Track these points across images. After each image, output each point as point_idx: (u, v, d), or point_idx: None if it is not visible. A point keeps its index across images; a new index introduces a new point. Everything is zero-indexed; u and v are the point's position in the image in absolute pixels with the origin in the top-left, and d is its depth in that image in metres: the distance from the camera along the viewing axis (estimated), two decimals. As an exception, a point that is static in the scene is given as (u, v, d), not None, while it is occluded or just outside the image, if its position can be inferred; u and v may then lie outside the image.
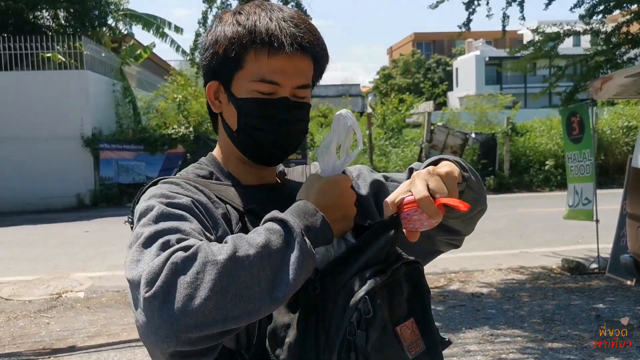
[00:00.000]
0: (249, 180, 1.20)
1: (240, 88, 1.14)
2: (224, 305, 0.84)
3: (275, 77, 1.11)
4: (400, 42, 59.37)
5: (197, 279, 0.84)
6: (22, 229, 11.91)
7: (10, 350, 5.00)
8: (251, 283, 0.86)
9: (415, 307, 1.02)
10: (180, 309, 0.82)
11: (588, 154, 7.24)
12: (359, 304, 0.91)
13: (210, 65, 1.17)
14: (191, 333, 0.83)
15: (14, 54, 15.54)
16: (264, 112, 1.13)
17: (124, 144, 15.79)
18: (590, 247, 7.70)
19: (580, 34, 7.59)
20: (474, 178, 1.19)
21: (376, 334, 0.92)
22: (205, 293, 0.83)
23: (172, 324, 0.82)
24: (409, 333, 0.98)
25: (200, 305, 0.83)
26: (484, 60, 43.43)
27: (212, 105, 1.21)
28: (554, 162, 16.89)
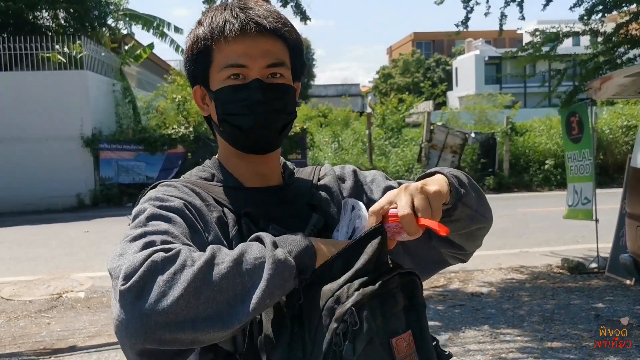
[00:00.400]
0: (251, 182, 1.20)
1: (215, 81, 1.16)
2: (195, 306, 0.85)
3: (240, 60, 1.12)
4: (399, 41, 59.37)
5: (173, 278, 0.86)
6: (22, 229, 11.92)
7: (11, 350, 5.01)
8: (226, 288, 0.87)
9: (412, 319, 1.01)
10: (151, 305, 0.84)
11: (587, 153, 7.26)
12: (345, 315, 0.91)
13: (189, 71, 1.20)
14: (160, 331, 0.84)
15: (14, 54, 15.55)
16: (237, 97, 1.14)
17: (124, 144, 15.79)
18: (589, 247, 7.71)
19: (579, 34, 7.60)
20: (474, 193, 1.20)
21: (362, 345, 0.91)
22: (179, 292, 0.84)
23: (142, 319, 0.83)
24: (404, 346, 0.97)
25: (172, 304, 0.84)
26: (483, 60, 43.43)
27: (201, 109, 1.23)
28: (553, 162, 16.90)
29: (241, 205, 1.13)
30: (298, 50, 1.20)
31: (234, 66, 1.12)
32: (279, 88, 1.15)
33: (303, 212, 1.16)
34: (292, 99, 1.19)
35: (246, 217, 1.10)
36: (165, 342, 0.85)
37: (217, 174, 1.21)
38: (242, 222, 1.10)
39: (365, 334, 0.91)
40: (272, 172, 1.23)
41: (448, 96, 41.37)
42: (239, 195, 1.16)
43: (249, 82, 1.13)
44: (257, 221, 1.09)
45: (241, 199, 1.14)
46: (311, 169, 1.32)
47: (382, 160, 17.02)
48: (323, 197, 1.24)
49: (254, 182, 1.20)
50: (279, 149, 1.25)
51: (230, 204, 1.13)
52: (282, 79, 1.16)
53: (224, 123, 1.16)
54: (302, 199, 1.21)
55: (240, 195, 1.16)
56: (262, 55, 1.12)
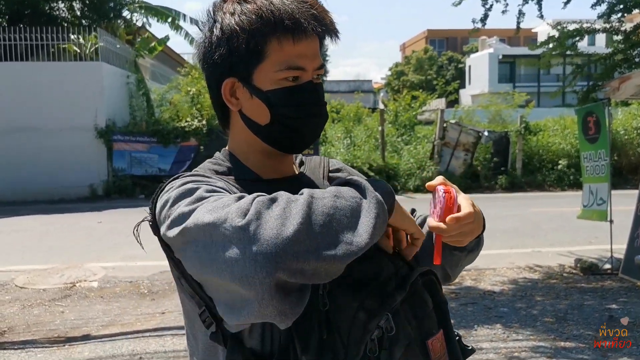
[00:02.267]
0: (269, 174, 1.17)
1: (265, 79, 1.09)
2: (314, 234, 0.84)
3: (301, 62, 1.08)
4: (413, 38, 59.16)
5: (284, 211, 0.85)
6: (36, 219, 12.01)
7: (25, 338, 5.06)
8: (338, 217, 0.87)
9: (439, 318, 1.01)
10: (275, 235, 0.82)
11: (603, 154, 7.20)
12: (381, 321, 0.91)
13: (225, 62, 1.10)
14: (288, 259, 0.82)
15: (30, 44, 15.64)
16: (295, 100, 1.10)
17: (137, 136, 15.86)
18: (603, 248, 7.66)
19: (599, 32, 7.53)
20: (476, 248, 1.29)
21: (401, 351, 0.90)
22: (296, 221, 0.84)
23: (269, 247, 0.82)
24: (439, 346, 0.97)
25: (294, 233, 0.83)
26: (497, 58, 43.22)
27: (229, 103, 1.14)
28: (567, 162, 16.79)
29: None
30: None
31: (295, 68, 1.08)
32: (322, 87, 1.16)
33: None
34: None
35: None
36: (293, 272, 0.83)
37: (233, 168, 1.17)
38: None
39: (402, 339, 0.91)
40: (288, 166, 1.22)
41: (460, 94, 41.20)
42: (259, 187, 1.09)
43: (303, 84, 1.10)
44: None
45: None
46: (319, 159, 1.31)
47: (394, 157, 16.97)
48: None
49: (271, 174, 1.17)
50: None
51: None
52: (319, 79, 1.15)
53: (277, 124, 1.11)
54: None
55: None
56: (314, 57, 1.10)
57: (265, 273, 0.82)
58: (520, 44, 44.08)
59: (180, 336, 4.96)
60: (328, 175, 1.26)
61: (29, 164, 15.05)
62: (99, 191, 15.48)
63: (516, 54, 43.11)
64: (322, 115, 1.15)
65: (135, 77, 17.06)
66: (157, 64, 21.85)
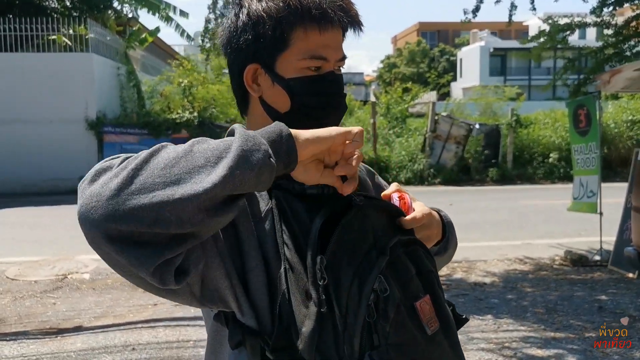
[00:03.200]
0: None
1: (287, 67, 1.10)
2: (145, 178, 0.83)
3: (324, 52, 1.10)
4: (404, 31, 59.16)
5: (124, 167, 0.85)
6: (26, 211, 11.95)
7: (17, 330, 5.05)
8: (192, 158, 0.86)
9: (426, 285, 1.02)
10: (99, 188, 0.83)
11: (594, 146, 7.26)
12: (375, 285, 0.92)
13: (250, 48, 1.11)
14: (109, 209, 0.82)
15: (19, 35, 15.50)
16: (317, 89, 1.11)
17: (128, 128, 15.79)
18: (592, 240, 7.74)
19: (590, 26, 7.57)
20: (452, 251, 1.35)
21: (392, 311, 0.92)
22: (132, 166, 0.84)
23: (86, 201, 0.83)
24: (427, 309, 0.98)
25: (121, 181, 0.83)
26: (488, 51, 43.34)
27: (250, 89, 1.14)
28: (557, 155, 16.90)
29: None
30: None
31: (318, 58, 1.09)
32: (342, 80, 1.17)
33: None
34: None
35: (278, 189, 1.06)
36: (122, 219, 0.82)
37: None
38: (273, 194, 1.06)
39: (392, 299, 0.92)
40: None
41: (452, 87, 41.32)
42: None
43: (325, 74, 1.11)
44: (291, 187, 1.05)
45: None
46: None
47: (385, 150, 17.00)
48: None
49: None
50: None
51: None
52: (340, 70, 1.16)
53: (297, 113, 1.12)
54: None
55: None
56: (337, 48, 1.12)
57: (89, 227, 0.83)
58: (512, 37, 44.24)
59: (172, 327, 4.97)
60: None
61: (19, 156, 14.95)
62: (89, 183, 15.39)
63: (507, 47, 43.23)
64: (342, 106, 1.16)
65: (125, 69, 16.96)
66: (148, 55, 21.71)
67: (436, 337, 0.98)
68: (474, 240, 8.37)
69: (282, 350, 0.97)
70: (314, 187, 1.04)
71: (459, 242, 1.41)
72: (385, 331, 0.91)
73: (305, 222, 1.00)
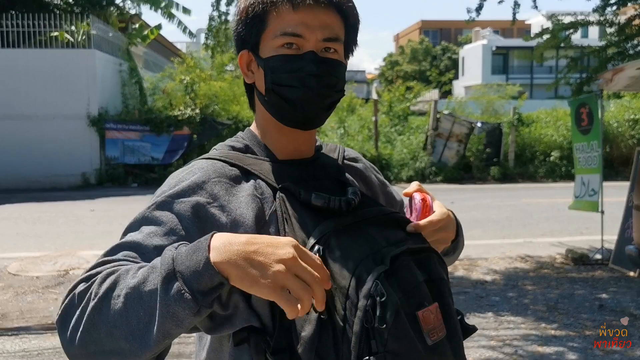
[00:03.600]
0: (285, 154, 1.17)
1: (266, 48, 1.11)
2: (99, 339, 0.88)
3: (297, 29, 1.08)
4: (407, 29, 59.10)
5: (81, 313, 0.89)
6: (28, 206, 11.97)
7: (19, 325, 5.06)
8: (120, 324, 0.87)
9: (435, 293, 1.01)
10: (68, 338, 0.90)
11: (596, 145, 7.25)
12: (371, 289, 0.91)
13: (239, 35, 1.15)
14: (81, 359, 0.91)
15: (22, 31, 15.52)
16: (290, 67, 1.09)
17: (130, 125, 15.80)
18: (593, 238, 7.74)
19: (593, 24, 7.56)
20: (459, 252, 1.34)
21: (392, 317, 0.91)
22: (83, 327, 0.89)
23: (66, 348, 0.92)
24: (432, 318, 0.97)
25: (81, 337, 0.89)
26: (490, 50, 43.25)
27: (246, 76, 1.18)
28: (559, 154, 16.88)
29: (277, 177, 1.11)
30: (355, 28, 1.18)
31: (290, 35, 1.08)
32: (333, 63, 1.12)
33: (335, 187, 1.16)
34: (343, 76, 1.16)
35: (284, 192, 1.07)
36: None
37: (250, 146, 1.18)
38: (278, 196, 1.07)
39: (391, 305, 0.91)
40: (308, 147, 1.21)
41: (454, 85, 41.28)
42: (272, 167, 1.13)
43: (303, 53, 1.09)
44: (297, 194, 1.07)
45: (276, 171, 1.12)
46: (334, 146, 1.31)
47: (387, 148, 17.00)
48: (350, 179, 1.24)
49: (288, 155, 1.17)
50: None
51: (266, 176, 1.10)
52: (335, 54, 1.13)
53: (272, 93, 1.12)
54: (331, 174, 1.19)
55: (274, 168, 1.13)
56: (320, 28, 1.09)
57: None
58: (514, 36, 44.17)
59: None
60: (344, 162, 1.27)
61: (21, 152, 14.98)
62: (91, 179, 15.44)
63: (510, 45, 43.15)
64: (325, 91, 1.12)
65: (127, 65, 16.97)
66: (150, 52, 21.73)
67: (439, 347, 0.97)
68: (475, 238, 8.37)
69: (282, 352, 0.96)
70: (320, 199, 1.05)
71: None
72: (383, 338, 0.91)
73: (308, 230, 1.01)
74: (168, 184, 1.08)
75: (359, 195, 1.11)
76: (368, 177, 1.31)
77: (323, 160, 1.22)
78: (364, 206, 1.10)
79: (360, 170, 1.30)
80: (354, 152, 1.35)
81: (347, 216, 1.05)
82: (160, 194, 1.05)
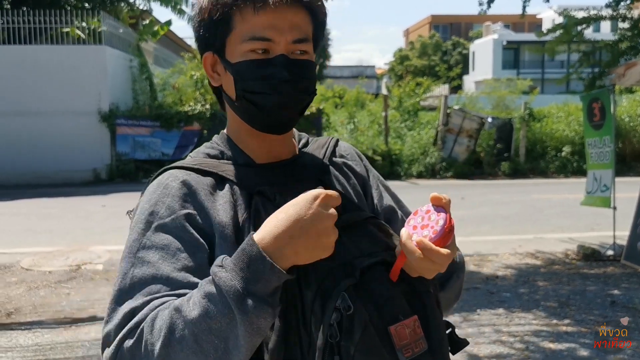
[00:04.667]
0: (263, 158, 1.13)
1: (234, 52, 1.06)
2: None
3: (266, 33, 1.02)
4: (417, 24, 58.86)
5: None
6: (39, 202, 12.05)
7: (31, 319, 5.11)
8: (202, 351, 0.86)
9: (417, 306, 0.97)
10: None
11: (608, 140, 7.20)
12: (337, 302, 0.89)
13: (201, 35, 1.10)
14: None
15: (33, 27, 15.60)
16: (261, 73, 1.04)
17: (140, 120, 15.86)
18: (605, 235, 7.69)
19: (607, 19, 7.49)
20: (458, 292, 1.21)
21: (359, 333, 0.88)
22: None
23: None
24: (407, 332, 0.93)
25: None
26: (501, 44, 43.01)
27: (211, 79, 1.13)
28: (570, 149, 16.76)
29: (253, 183, 1.07)
30: (323, 24, 1.12)
31: (260, 39, 1.03)
32: (304, 65, 1.07)
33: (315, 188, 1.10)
34: (314, 76, 1.11)
35: (259, 196, 1.04)
36: None
37: (225, 151, 1.14)
38: (253, 202, 1.04)
39: (358, 320, 0.88)
40: (285, 149, 1.16)
41: (464, 80, 41.09)
42: (249, 172, 1.09)
43: (274, 57, 1.04)
44: (271, 200, 1.03)
45: (252, 177, 1.08)
46: (325, 140, 1.25)
47: (397, 143, 16.96)
48: (337, 175, 1.19)
49: (265, 158, 1.13)
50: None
51: (241, 181, 1.06)
52: (305, 54, 1.07)
53: (242, 100, 1.07)
54: (313, 174, 1.15)
55: (251, 173, 1.09)
56: (289, 29, 1.03)
57: None
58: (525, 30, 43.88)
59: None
60: (331, 158, 1.21)
61: (33, 148, 15.08)
62: (102, 175, 15.52)
63: (521, 40, 42.90)
64: (294, 93, 1.06)
65: (138, 61, 17.03)
66: (160, 48, 21.77)
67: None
68: (485, 234, 8.35)
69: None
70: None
71: (470, 236, 1.36)
72: (350, 354, 0.88)
73: None
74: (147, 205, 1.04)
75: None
76: (358, 173, 1.24)
77: (304, 160, 1.17)
78: (344, 211, 1.03)
79: (350, 166, 1.24)
80: (348, 147, 1.29)
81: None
82: (145, 218, 1.02)
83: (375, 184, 1.26)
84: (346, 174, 1.21)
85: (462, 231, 8.27)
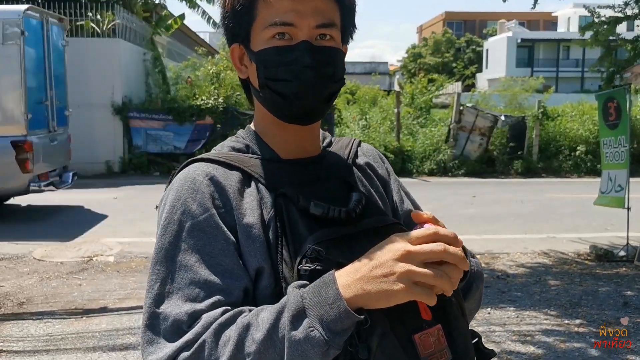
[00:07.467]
0: (289, 152, 1.10)
1: (257, 40, 1.04)
2: None
3: (288, 18, 1.00)
4: (430, 20, 58.60)
5: None
6: (52, 193, 12.10)
7: (43, 309, 5.15)
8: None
9: (440, 314, 0.95)
10: None
11: (623, 140, 7.14)
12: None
13: (228, 28, 1.08)
14: None
15: (48, 20, 15.66)
16: (283, 60, 1.02)
17: (153, 114, 15.89)
18: (618, 235, 7.63)
19: (632, 18, 7.40)
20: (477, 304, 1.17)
21: (375, 342, 0.87)
22: None
23: None
24: (432, 341, 0.91)
25: None
26: (515, 42, 42.72)
27: (239, 71, 1.11)
28: (584, 149, 16.60)
29: (277, 180, 1.04)
30: (351, 10, 1.09)
31: (281, 24, 1.00)
32: (329, 52, 1.04)
33: (340, 189, 1.10)
34: (341, 64, 1.07)
35: (282, 197, 1.02)
36: None
37: (251, 145, 1.11)
38: (277, 201, 1.02)
39: (380, 327, 0.87)
40: (312, 144, 1.13)
41: (477, 78, 40.88)
42: (274, 168, 1.07)
43: (296, 43, 1.01)
44: (296, 200, 1.01)
45: (277, 173, 1.06)
46: (348, 140, 1.22)
47: (409, 140, 16.89)
48: (361, 177, 1.16)
49: (291, 153, 1.10)
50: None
51: (266, 179, 1.04)
52: (331, 41, 1.04)
53: (265, 88, 1.05)
54: (338, 174, 1.12)
55: (276, 169, 1.07)
56: (312, 14, 1.00)
57: None
58: (540, 28, 43.55)
59: (195, 311, 5.02)
60: (354, 159, 1.18)
61: (46, 139, 15.15)
62: (115, 168, 15.59)
63: (535, 38, 42.60)
64: (322, 84, 1.04)
65: (151, 55, 17.07)
66: (173, 41, 21.81)
67: None
68: (497, 232, 8.30)
69: None
70: (318, 207, 0.99)
71: (481, 235, 1.33)
72: None
73: (302, 239, 0.97)
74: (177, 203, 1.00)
75: (362, 202, 1.05)
76: (381, 175, 1.22)
77: (330, 160, 1.14)
78: (367, 214, 1.02)
79: (373, 168, 1.21)
80: (370, 149, 1.26)
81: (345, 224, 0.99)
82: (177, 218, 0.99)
83: (396, 188, 1.23)
84: (369, 176, 1.19)
85: (474, 229, 8.23)
